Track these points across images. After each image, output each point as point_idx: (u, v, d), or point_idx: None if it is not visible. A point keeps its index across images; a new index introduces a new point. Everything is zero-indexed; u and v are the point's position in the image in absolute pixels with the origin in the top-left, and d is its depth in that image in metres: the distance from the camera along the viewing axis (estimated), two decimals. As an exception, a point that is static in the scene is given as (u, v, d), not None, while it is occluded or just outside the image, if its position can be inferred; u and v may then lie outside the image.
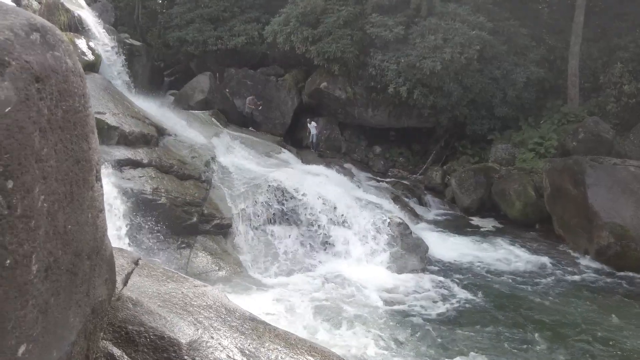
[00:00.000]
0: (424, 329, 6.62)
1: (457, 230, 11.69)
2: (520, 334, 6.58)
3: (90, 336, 2.10)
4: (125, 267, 2.73)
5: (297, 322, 6.43)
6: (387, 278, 8.43)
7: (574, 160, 11.01)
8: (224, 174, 10.62)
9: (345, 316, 6.77)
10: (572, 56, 14.89)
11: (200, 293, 2.80)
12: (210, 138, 12.79)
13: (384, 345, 6.01)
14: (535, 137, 14.31)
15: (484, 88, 15.32)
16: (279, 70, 18.33)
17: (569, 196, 10.71)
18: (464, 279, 8.63)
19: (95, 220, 1.98)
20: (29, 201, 1.26)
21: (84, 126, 1.66)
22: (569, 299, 7.92)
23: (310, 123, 16.45)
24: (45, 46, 1.33)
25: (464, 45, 14.56)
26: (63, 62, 1.41)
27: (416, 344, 6.13)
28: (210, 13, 19.19)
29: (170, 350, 2.26)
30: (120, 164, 8.64)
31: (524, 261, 9.72)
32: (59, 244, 1.60)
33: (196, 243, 8.81)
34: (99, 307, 2.17)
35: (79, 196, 1.73)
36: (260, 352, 2.46)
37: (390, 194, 13.34)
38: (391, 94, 15.33)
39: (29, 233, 1.28)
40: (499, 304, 7.61)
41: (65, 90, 1.44)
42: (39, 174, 1.30)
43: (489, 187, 13.31)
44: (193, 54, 19.48)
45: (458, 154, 16.14)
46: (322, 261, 9.05)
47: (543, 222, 11.86)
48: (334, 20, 15.88)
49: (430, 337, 6.38)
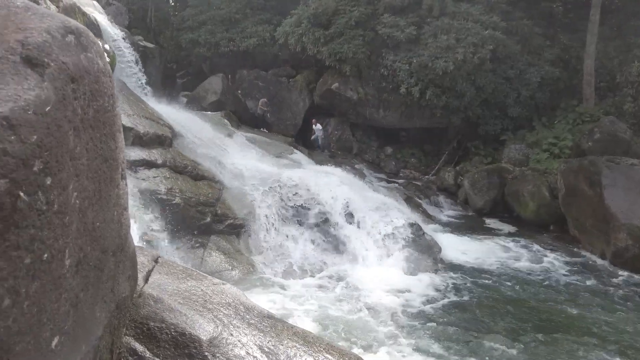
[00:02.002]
0: (437, 330, 6.59)
1: (470, 231, 11.61)
2: (535, 337, 6.52)
3: (114, 331, 2.14)
4: (146, 264, 2.77)
5: (309, 322, 6.45)
6: (399, 279, 8.41)
7: (590, 160, 10.86)
8: (236, 175, 10.70)
9: (357, 317, 6.77)
10: (588, 55, 14.69)
11: (219, 291, 2.84)
12: (223, 139, 12.90)
13: (395, 346, 6.00)
14: (549, 137, 14.15)
15: (497, 88, 15.19)
16: (291, 71, 18.41)
17: (585, 197, 10.56)
18: (477, 280, 8.57)
19: (120, 218, 2.03)
20: (64, 198, 1.30)
21: (112, 125, 1.70)
22: (585, 302, 7.81)
23: (316, 125, 16.49)
24: (79, 48, 1.37)
25: (477, 45, 14.46)
26: (95, 63, 1.45)
27: (428, 345, 6.11)
28: (222, 15, 19.35)
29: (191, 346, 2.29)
30: (135, 164, 8.76)
31: (538, 263, 9.62)
32: (88, 240, 1.64)
33: (210, 243, 8.89)
34: (123, 303, 2.22)
35: (106, 194, 1.78)
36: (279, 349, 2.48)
37: (402, 195, 13.30)
38: (403, 94, 15.29)
39: (63, 229, 1.33)
40: (512, 307, 7.54)
41: (96, 90, 1.48)
42: (73, 171, 1.35)
43: (502, 188, 13.19)
44: (205, 56, 19.65)
45: (471, 155, 16.03)
46: (334, 262, 9.06)
47: (557, 223, 11.72)
48: (345, 21, 15.89)
49: (442, 338, 6.35)
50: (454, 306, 7.39)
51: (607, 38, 15.62)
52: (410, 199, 13.17)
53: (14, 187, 1.03)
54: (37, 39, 1.26)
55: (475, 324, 6.86)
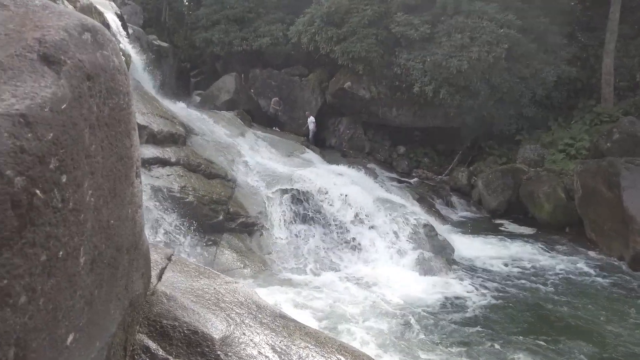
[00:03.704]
0: (449, 332, 6.52)
1: (483, 232, 11.48)
2: (549, 341, 6.40)
3: (128, 329, 2.15)
4: (159, 262, 2.79)
5: (321, 322, 6.44)
6: (412, 280, 8.34)
7: (608, 161, 10.64)
8: (249, 173, 10.73)
9: (369, 317, 6.74)
10: (607, 54, 14.38)
11: (232, 289, 2.84)
12: (236, 138, 12.97)
13: (407, 347, 5.95)
14: (565, 137, 13.91)
15: (512, 87, 14.98)
16: (303, 70, 18.41)
17: (603, 199, 10.35)
18: (491, 282, 8.46)
19: (135, 216, 2.03)
20: (80, 195, 1.30)
21: (127, 123, 1.70)
22: (602, 307, 7.64)
23: (309, 117, 16.47)
24: (95, 45, 1.37)
25: (492, 43, 14.27)
26: (111, 61, 1.45)
27: (440, 347, 6.04)
28: (236, 14, 19.43)
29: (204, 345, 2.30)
30: (149, 162, 8.85)
31: (554, 266, 9.46)
32: (103, 238, 1.65)
33: (222, 241, 8.94)
34: (136, 300, 2.23)
35: (121, 192, 1.78)
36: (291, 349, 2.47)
37: (415, 195, 13.21)
38: (416, 93, 15.17)
39: (78, 226, 1.33)
40: (527, 310, 7.42)
41: (112, 88, 1.48)
42: (88, 169, 1.35)
43: (516, 188, 13.00)
44: (218, 55, 19.77)
45: (485, 155, 15.84)
46: (346, 261, 9.03)
47: (573, 225, 11.51)
48: (358, 19, 15.83)
49: (454, 340, 6.28)
50: (467, 308, 7.31)
51: (627, 36, 15.29)
52: (423, 199, 13.07)
53: (31, 185, 1.03)
54: (55, 37, 1.26)
55: (489, 327, 6.77)
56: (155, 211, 7.85)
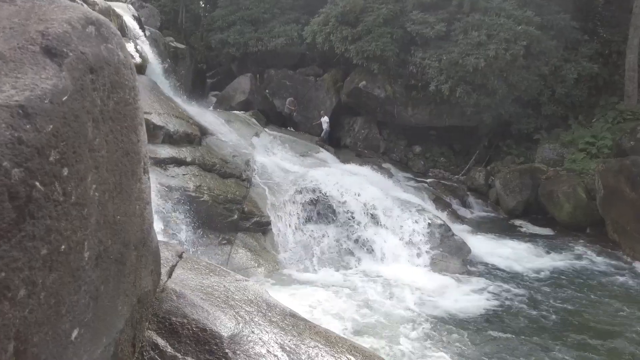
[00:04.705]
0: (463, 333, 6.40)
1: (501, 233, 11.26)
2: (569, 345, 6.23)
3: (136, 325, 2.15)
4: (169, 259, 2.79)
5: (334, 321, 6.40)
6: (427, 280, 8.23)
7: (632, 160, 10.32)
8: (263, 173, 10.76)
9: (383, 317, 6.67)
10: (631, 50, 13.95)
11: (242, 287, 2.82)
12: (251, 138, 13.02)
13: (420, 348, 5.87)
14: (586, 136, 13.55)
15: (531, 85, 14.67)
16: (318, 70, 18.40)
17: (626, 199, 10.05)
18: (508, 283, 8.28)
19: (143, 212, 2.03)
20: (82, 189, 1.29)
21: (134, 118, 1.69)
22: (626, 310, 7.41)
23: (323, 117, 16.38)
24: (99, 39, 1.36)
25: (510, 41, 14.01)
26: (115, 55, 1.44)
27: (453, 348, 5.94)
28: (251, 15, 19.54)
29: (212, 342, 2.28)
30: (165, 162, 8.94)
31: (574, 267, 9.22)
32: (109, 234, 1.64)
33: (236, 240, 8.98)
34: (145, 297, 2.23)
35: (128, 187, 1.77)
36: (300, 348, 2.44)
37: (431, 195, 13.05)
38: (432, 92, 14.99)
39: (82, 221, 1.32)
40: (544, 312, 7.24)
41: (116, 82, 1.47)
42: (91, 163, 1.34)
43: (535, 188, 12.73)
44: (234, 56, 19.90)
45: (502, 154, 15.55)
46: (360, 261, 8.97)
47: (594, 226, 11.20)
48: (373, 18, 15.73)
49: (468, 342, 6.16)
50: (482, 309, 7.17)
51: (651, 32, 14.80)
52: (439, 199, 12.90)
53: (29, 177, 1.02)
54: (57, 29, 1.25)
55: (505, 329, 6.63)
56: (170, 210, 7.92)
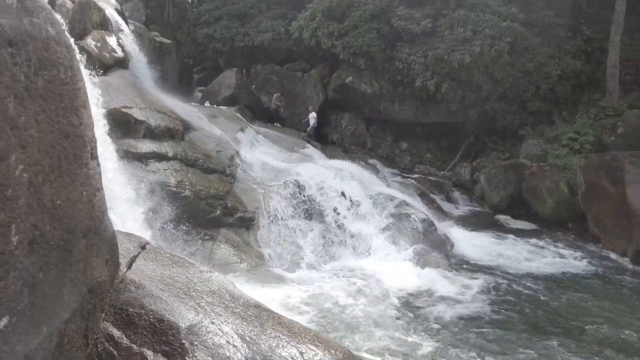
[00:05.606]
0: (443, 327, 6.41)
1: (485, 227, 11.33)
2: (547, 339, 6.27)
3: (88, 316, 2.10)
4: (131, 250, 2.73)
5: (315, 317, 6.37)
6: (410, 274, 8.23)
7: (612, 155, 10.44)
8: (248, 169, 10.68)
9: (364, 311, 6.66)
10: (613, 47, 14.09)
11: (205, 279, 2.77)
12: (236, 133, 12.90)
13: (400, 343, 5.86)
14: (569, 132, 13.68)
15: (516, 82, 14.77)
16: (305, 65, 18.32)
17: (606, 194, 10.16)
18: (490, 278, 8.33)
19: (92, 199, 1.97)
20: (4, 169, 1.23)
21: (73, 100, 1.63)
22: (605, 303, 7.48)
23: (311, 113, 16.33)
24: (22, 11, 1.29)
25: (495, 37, 14.08)
26: (43, 29, 1.37)
27: (433, 342, 5.94)
28: (238, 10, 19.38)
29: (169, 333, 2.23)
30: (146, 156, 8.82)
31: (555, 261, 9.30)
32: (46, 218, 1.58)
33: (219, 235, 8.90)
34: (98, 287, 2.17)
35: (70, 172, 1.71)
36: (260, 338, 2.40)
37: (416, 190, 13.08)
38: (418, 88, 15.02)
39: (5, 202, 1.26)
40: (525, 306, 7.29)
41: (46, 58, 1.40)
42: (16, 142, 1.27)
43: (519, 184, 12.81)
44: (221, 51, 19.73)
45: (488, 150, 15.64)
46: (344, 256, 8.95)
47: (576, 220, 11.31)
48: (360, 14, 15.70)
49: (449, 336, 6.17)
50: (463, 302, 7.19)
51: (633, 29, 14.97)
52: (424, 195, 12.93)
53: None
54: (-27, -1, 1.18)
55: (485, 322, 6.66)
56: (150, 205, 7.82)
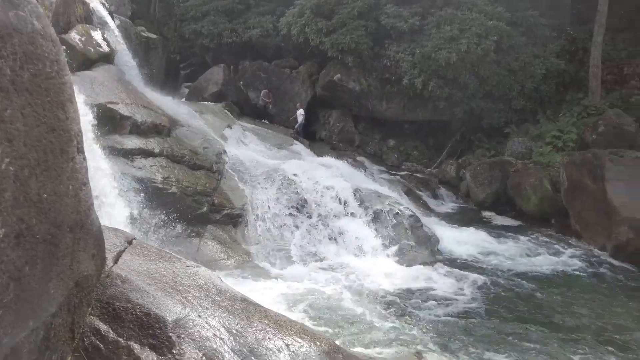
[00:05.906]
0: (428, 323, 6.51)
1: (470, 224, 11.49)
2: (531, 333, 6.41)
3: (75, 310, 2.10)
4: (117, 245, 2.73)
5: (301, 312, 6.42)
6: (396, 271, 8.33)
7: (593, 153, 10.68)
8: (235, 165, 10.66)
9: (350, 307, 6.72)
10: (595, 47, 14.37)
11: (192, 273, 2.79)
12: (223, 130, 12.86)
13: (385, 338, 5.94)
14: (553, 130, 13.94)
15: (501, 80, 14.97)
16: (293, 62, 18.30)
17: (587, 191, 10.40)
18: (475, 273, 8.46)
19: (78, 193, 1.97)
20: (-11, 161, 1.24)
21: (59, 94, 1.63)
22: (584, 297, 7.67)
23: (299, 110, 16.35)
24: (7, 4, 1.30)
25: (481, 36, 14.25)
26: (29, 23, 1.38)
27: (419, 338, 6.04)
28: (225, 5, 19.25)
29: (156, 327, 2.25)
30: (132, 153, 8.74)
31: (538, 257, 9.49)
32: (33, 212, 1.59)
33: (206, 232, 8.88)
34: (85, 281, 2.17)
35: (56, 166, 1.72)
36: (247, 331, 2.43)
37: (403, 187, 13.20)
38: (406, 85, 15.13)
39: (-10, 195, 1.27)
40: (509, 301, 7.44)
41: (31, 52, 1.41)
42: (1, 135, 1.28)
43: (504, 181, 13.03)
44: (208, 47, 19.59)
45: (474, 148, 15.84)
46: (330, 253, 9.00)
47: (559, 217, 11.55)
48: (348, 11, 15.74)
49: (433, 332, 6.27)
50: (448, 298, 7.31)
51: (615, 29, 15.29)
52: (410, 192, 13.06)
53: None
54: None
55: (469, 317, 6.78)
56: (135, 202, 7.77)
